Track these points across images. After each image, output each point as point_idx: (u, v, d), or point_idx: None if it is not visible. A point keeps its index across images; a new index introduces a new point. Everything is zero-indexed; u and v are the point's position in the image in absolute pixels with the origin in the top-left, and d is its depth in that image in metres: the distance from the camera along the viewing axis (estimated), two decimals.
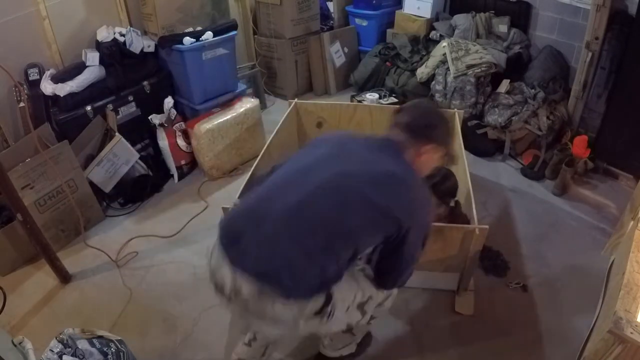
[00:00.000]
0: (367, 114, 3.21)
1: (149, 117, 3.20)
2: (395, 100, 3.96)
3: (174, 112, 3.28)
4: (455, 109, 3.15)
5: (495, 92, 3.58)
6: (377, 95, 3.98)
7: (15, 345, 1.53)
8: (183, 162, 3.32)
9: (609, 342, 1.54)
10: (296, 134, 3.34)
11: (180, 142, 3.28)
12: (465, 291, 2.30)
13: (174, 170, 3.29)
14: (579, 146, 3.09)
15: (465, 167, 2.51)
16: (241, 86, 3.74)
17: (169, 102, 3.28)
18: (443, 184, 2.36)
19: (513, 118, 3.37)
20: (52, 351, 1.57)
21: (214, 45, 3.36)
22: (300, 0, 4.08)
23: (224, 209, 2.18)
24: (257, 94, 4.19)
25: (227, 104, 3.43)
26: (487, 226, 2.04)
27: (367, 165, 1.49)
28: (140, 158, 3.14)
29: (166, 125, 3.23)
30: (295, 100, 3.26)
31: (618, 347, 1.51)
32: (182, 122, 3.32)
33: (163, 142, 3.22)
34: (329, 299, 1.41)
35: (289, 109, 3.15)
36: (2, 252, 2.49)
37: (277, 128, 2.92)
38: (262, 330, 1.73)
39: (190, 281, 2.47)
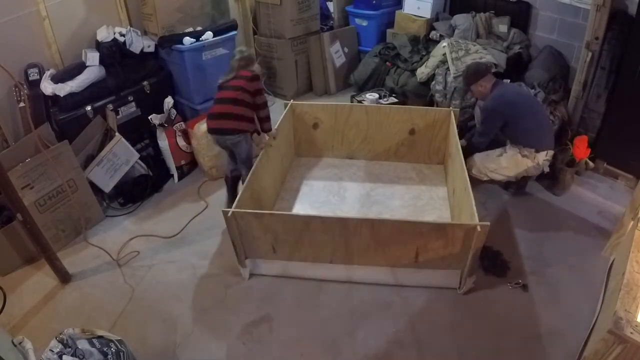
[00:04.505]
0: (364, 114, 3.21)
1: (149, 117, 3.20)
2: (395, 100, 3.96)
3: (174, 112, 3.28)
4: (453, 109, 3.16)
5: None
6: (377, 95, 3.98)
7: (15, 345, 1.53)
8: (183, 162, 3.32)
9: (609, 342, 1.54)
10: (292, 135, 3.35)
11: (180, 142, 3.28)
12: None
13: (174, 170, 3.29)
14: (579, 146, 3.09)
15: (464, 165, 2.52)
16: None
17: (169, 102, 3.28)
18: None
19: None
20: (52, 351, 1.57)
21: (214, 45, 3.36)
22: (300, 0, 4.08)
23: (224, 211, 2.19)
24: None
25: None
26: (488, 223, 2.05)
27: None
28: (140, 158, 3.15)
29: (166, 125, 3.24)
30: (291, 101, 3.26)
31: (618, 347, 1.51)
32: (182, 122, 3.32)
33: (163, 142, 3.22)
34: None
35: (285, 110, 3.16)
36: (2, 252, 2.49)
37: (274, 129, 2.92)
38: None
39: (190, 281, 2.47)
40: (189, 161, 3.36)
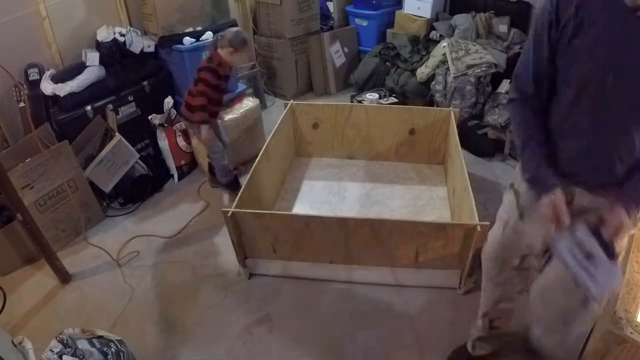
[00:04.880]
0: (363, 114, 3.21)
1: (149, 117, 3.20)
2: (396, 100, 3.97)
3: (174, 112, 3.28)
4: (453, 109, 3.16)
5: (495, 92, 3.58)
6: (377, 95, 3.98)
7: (15, 345, 1.53)
8: (183, 162, 3.32)
9: (609, 342, 1.54)
10: (292, 135, 3.34)
11: (181, 142, 3.28)
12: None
13: (174, 170, 3.29)
14: None
15: (463, 166, 2.52)
16: (241, 86, 3.74)
17: (169, 102, 3.28)
18: None
19: None
20: (52, 351, 1.57)
21: None
22: (300, 0, 4.08)
23: (224, 211, 2.19)
24: (257, 94, 4.19)
25: (227, 105, 3.43)
26: (488, 223, 2.05)
27: None
28: (140, 158, 3.15)
29: (166, 125, 3.23)
30: (291, 101, 3.26)
31: (618, 347, 1.51)
32: (182, 122, 3.32)
33: (163, 142, 3.22)
34: None
35: (285, 110, 3.16)
36: (2, 252, 2.49)
37: (273, 130, 2.93)
38: None
39: (190, 281, 2.47)
40: (189, 161, 3.36)
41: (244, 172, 3.26)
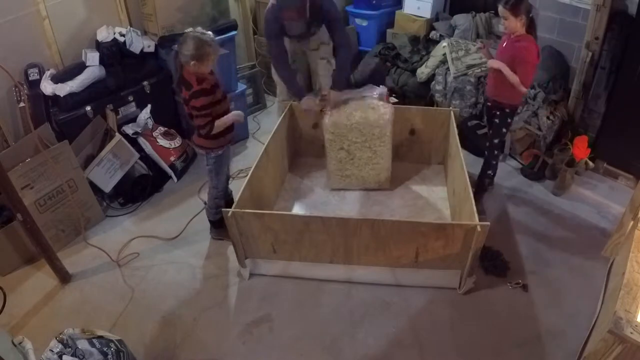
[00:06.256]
0: None
1: (122, 129, 3.18)
2: (396, 100, 3.96)
3: (150, 122, 3.27)
4: (453, 109, 3.15)
5: None
6: None
7: (15, 345, 1.53)
8: (172, 158, 3.30)
9: (609, 342, 1.54)
10: (292, 135, 3.34)
11: (162, 142, 3.26)
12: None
13: (167, 170, 3.28)
14: (579, 146, 3.09)
15: (464, 166, 2.51)
16: (241, 86, 3.74)
17: (145, 114, 3.26)
18: None
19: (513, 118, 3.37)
20: (52, 351, 1.58)
21: None
22: None
23: (224, 211, 2.19)
24: (257, 94, 4.19)
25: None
26: (488, 223, 2.05)
27: None
28: (140, 158, 3.15)
29: (141, 131, 3.22)
30: (291, 102, 3.26)
31: (618, 347, 1.52)
32: (160, 127, 3.32)
33: (147, 147, 3.23)
34: None
35: (285, 111, 3.16)
36: (2, 252, 2.50)
37: (273, 130, 2.92)
38: None
39: (190, 281, 2.48)
40: (178, 156, 3.33)
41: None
